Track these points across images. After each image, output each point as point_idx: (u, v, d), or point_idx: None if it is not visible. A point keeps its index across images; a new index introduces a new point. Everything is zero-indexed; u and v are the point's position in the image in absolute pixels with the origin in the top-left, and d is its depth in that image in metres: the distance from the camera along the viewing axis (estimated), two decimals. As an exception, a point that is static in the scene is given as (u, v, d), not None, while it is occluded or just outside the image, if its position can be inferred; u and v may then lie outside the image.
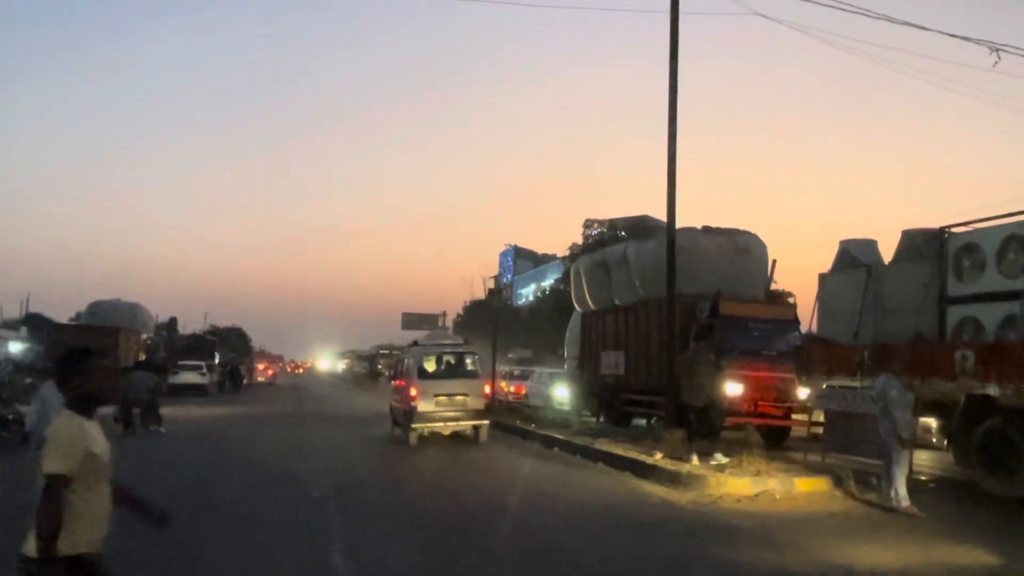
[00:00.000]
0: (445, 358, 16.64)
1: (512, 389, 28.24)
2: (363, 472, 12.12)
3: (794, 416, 14.21)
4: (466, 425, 15.49)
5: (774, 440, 14.63)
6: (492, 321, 24.21)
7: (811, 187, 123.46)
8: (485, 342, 26.88)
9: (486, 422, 15.73)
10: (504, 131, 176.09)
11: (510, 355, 50.53)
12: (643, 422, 17.80)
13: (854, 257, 14.28)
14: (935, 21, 59.65)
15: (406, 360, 16.89)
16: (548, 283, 64.66)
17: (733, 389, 14.08)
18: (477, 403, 15.51)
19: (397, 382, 17.77)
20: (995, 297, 10.76)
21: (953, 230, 11.65)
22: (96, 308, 33.28)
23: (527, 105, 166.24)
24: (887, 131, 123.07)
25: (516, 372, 30.69)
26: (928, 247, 12.24)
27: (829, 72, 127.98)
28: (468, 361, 16.51)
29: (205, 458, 13.38)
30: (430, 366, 16.34)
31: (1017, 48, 12.20)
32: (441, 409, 15.10)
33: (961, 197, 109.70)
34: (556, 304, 41.39)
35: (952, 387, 10.02)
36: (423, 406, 15.03)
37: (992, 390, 9.45)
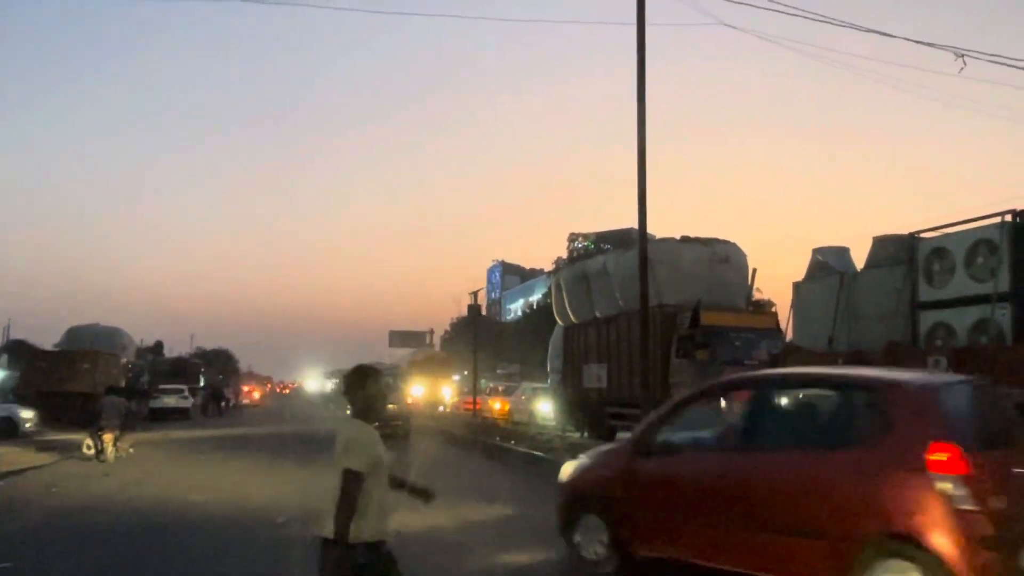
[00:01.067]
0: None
1: (497, 405, 28.03)
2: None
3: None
4: (393, 424, 20.79)
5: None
6: (473, 339, 24.33)
7: (786, 195, 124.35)
8: (471, 358, 26.76)
9: (407, 423, 21.98)
10: (489, 146, 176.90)
11: (498, 371, 50.32)
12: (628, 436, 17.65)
13: (827, 265, 14.27)
14: (900, 28, 60.39)
15: None
16: (536, 298, 64.55)
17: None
18: (401, 410, 21.96)
19: None
20: (966, 301, 10.74)
21: (923, 235, 11.65)
22: (74, 333, 32.86)
23: (511, 120, 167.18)
24: (857, 137, 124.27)
25: (500, 388, 30.49)
26: (899, 253, 12.24)
27: (798, 80, 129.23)
28: (396, 380, 24.30)
29: (171, 481, 13.18)
30: None
31: (981, 53, 12.27)
32: None
33: (931, 202, 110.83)
34: (544, 319, 41.32)
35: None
36: None
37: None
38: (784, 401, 6.12)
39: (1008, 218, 10.38)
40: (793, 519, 5.10)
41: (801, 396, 6.18)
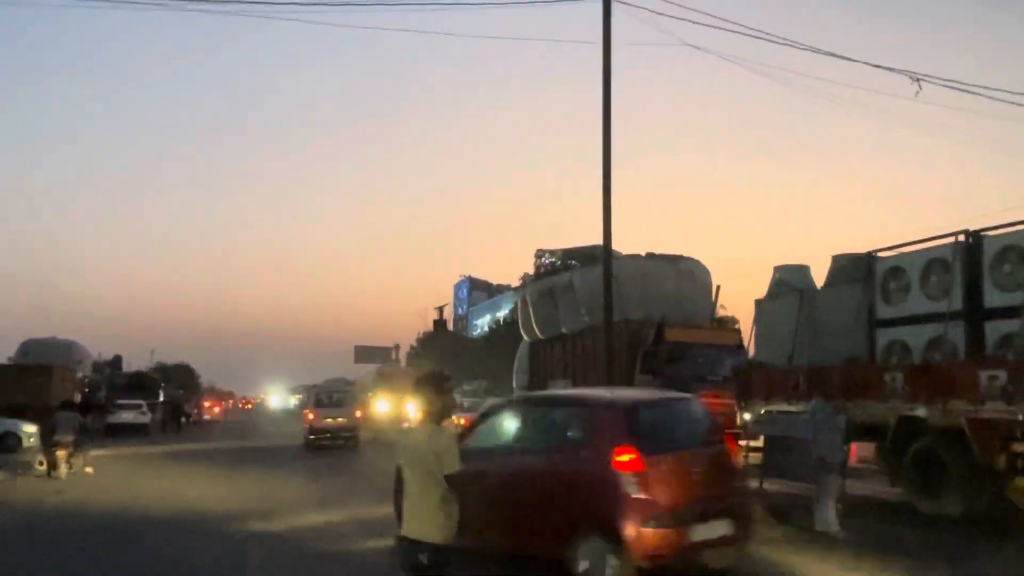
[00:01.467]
0: (333, 395, 26.28)
1: (462, 422, 27.86)
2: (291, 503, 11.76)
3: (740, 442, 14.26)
4: (343, 436, 23.68)
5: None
6: (439, 354, 24.51)
7: (749, 213, 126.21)
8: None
9: (355, 435, 23.96)
10: (456, 161, 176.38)
11: (465, 386, 50.03)
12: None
13: (788, 282, 14.52)
14: (859, 51, 62.13)
15: (310, 396, 28.04)
16: (503, 314, 64.45)
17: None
18: (351, 423, 24.16)
19: (304, 410, 29.10)
20: (920, 319, 10.97)
21: (880, 254, 11.91)
22: (28, 347, 32.03)
23: (478, 136, 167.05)
24: (818, 157, 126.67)
25: (465, 404, 30.35)
26: (857, 271, 12.49)
27: (759, 100, 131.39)
28: (346, 396, 26.28)
29: (127, 496, 12.90)
30: (324, 399, 25.51)
31: (937, 78, 12.76)
32: (327, 425, 23.79)
33: (890, 221, 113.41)
34: (511, 335, 41.33)
35: (884, 408, 10.17)
36: (316, 424, 23.91)
37: (921, 411, 9.61)
38: (538, 415, 7.62)
39: (961, 238, 10.67)
40: (537, 506, 6.61)
41: (550, 411, 7.68)
